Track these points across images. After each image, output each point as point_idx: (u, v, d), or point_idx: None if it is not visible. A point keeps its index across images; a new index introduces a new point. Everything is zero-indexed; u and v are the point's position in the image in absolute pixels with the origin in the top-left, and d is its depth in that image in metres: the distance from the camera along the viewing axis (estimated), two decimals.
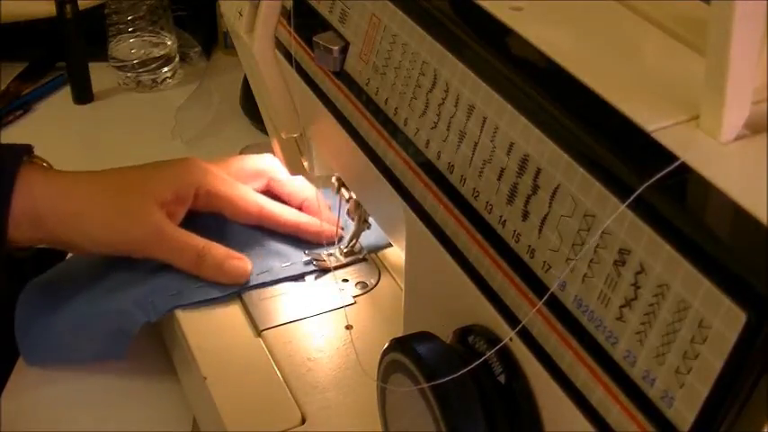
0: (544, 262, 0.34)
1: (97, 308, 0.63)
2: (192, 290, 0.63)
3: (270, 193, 0.69)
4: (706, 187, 0.30)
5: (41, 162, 0.65)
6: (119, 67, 0.96)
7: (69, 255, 0.69)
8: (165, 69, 0.97)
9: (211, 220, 0.66)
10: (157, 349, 0.66)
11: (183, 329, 0.61)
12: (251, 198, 0.67)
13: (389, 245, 0.67)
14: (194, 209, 0.66)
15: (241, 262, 0.64)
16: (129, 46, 0.96)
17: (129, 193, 0.63)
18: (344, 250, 0.67)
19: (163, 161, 0.67)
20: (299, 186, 0.68)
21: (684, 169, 0.30)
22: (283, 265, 0.65)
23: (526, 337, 0.35)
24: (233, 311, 0.63)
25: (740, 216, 0.28)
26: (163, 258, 0.64)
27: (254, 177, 0.69)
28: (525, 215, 0.35)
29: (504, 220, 0.36)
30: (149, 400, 0.63)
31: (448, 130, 0.40)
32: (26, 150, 0.64)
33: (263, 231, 0.67)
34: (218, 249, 0.64)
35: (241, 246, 0.65)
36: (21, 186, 0.60)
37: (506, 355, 0.37)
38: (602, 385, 0.32)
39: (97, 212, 0.63)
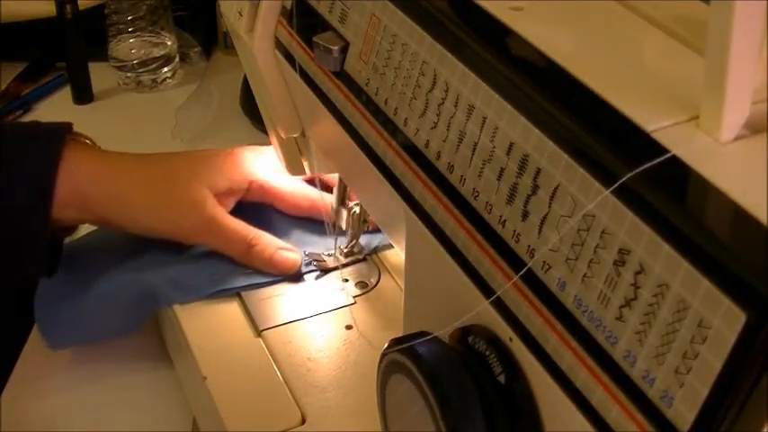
0: (544, 262, 0.34)
1: (125, 282, 0.63)
2: (235, 277, 0.63)
3: (314, 180, 0.69)
4: (706, 187, 0.30)
5: (84, 139, 0.64)
6: (119, 67, 0.96)
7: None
8: (165, 69, 0.97)
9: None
10: (157, 349, 0.66)
11: (182, 329, 0.61)
12: (301, 192, 0.67)
13: (389, 245, 0.67)
14: (241, 199, 0.66)
15: (291, 253, 0.64)
16: (129, 46, 0.96)
17: (181, 180, 0.63)
18: (344, 250, 0.67)
19: (215, 150, 0.67)
20: None
21: (684, 169, 0.30)
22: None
23: (526, 337, 0.35)
24: (233, 311, 0.63)
25: (740, 216, 0.28)
26: (212, 246, 0.64)
27: None
28: (525, 215, 0.35)
29: (504, 220, 0.36)
30: (149, 400, 0.63)
31: (447, 130, 0.40)
32: (67, 128, 0.63)
33: (266, 229, 0.67)
34: (268, 240, 0.64)
35: None
36: (65, 166, 0.60)
37: (506, 355, 0.37)
38: (602, 385, 0.32)
39: (147, 198, 0.62)
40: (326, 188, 0.68)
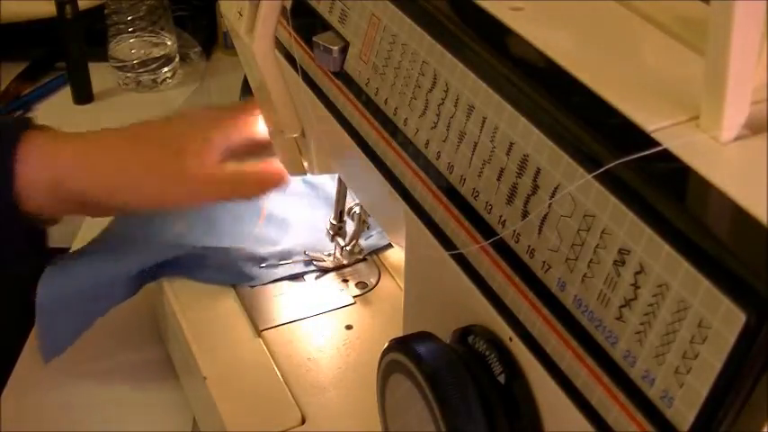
0: (544, 262, 0.34)
1: (120, 266, 0.62)
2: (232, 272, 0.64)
3: None
4: (706, 187, 0.30)
5: (49, 128, 0.62)
6: (119, 67, 0.96)
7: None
8: (165, 69, 0.97)
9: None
10: (157, 349, 0.66)
11: (183, 330, 0.61)
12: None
13: (389, 245, 0.67)
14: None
15: (275, 168, 0.62)
16: (129, 46, 0.96)
17: (156, 147, 0.62)
18: (345, 250, 0.67)
19: (179, 116, 0.66)
20: None
21: (684, 169, 0.30)
22: (283, 262, 0.65)
23: (526, 337, 0.35)
24: (233, 311, 0.63)
25: (740, 216, 0.28)
26: (200, 204, 0.63)
27: None
28: (525, 215, 0.35)
29: (504, 220, 0.36)
30: (149, 400, 0.63)
31: (447, 130, 0.40)
32: (26, 122, 0.61)
33: (265, 229, 0.67)
34: (247, 169, 0.62)
35: (241, 243, 0.65)
36: (29, 152, 0.57)
37: (506, 355, 0.37)
38: (602, 385, 0.32)
39: (130, 169, 0.60)
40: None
